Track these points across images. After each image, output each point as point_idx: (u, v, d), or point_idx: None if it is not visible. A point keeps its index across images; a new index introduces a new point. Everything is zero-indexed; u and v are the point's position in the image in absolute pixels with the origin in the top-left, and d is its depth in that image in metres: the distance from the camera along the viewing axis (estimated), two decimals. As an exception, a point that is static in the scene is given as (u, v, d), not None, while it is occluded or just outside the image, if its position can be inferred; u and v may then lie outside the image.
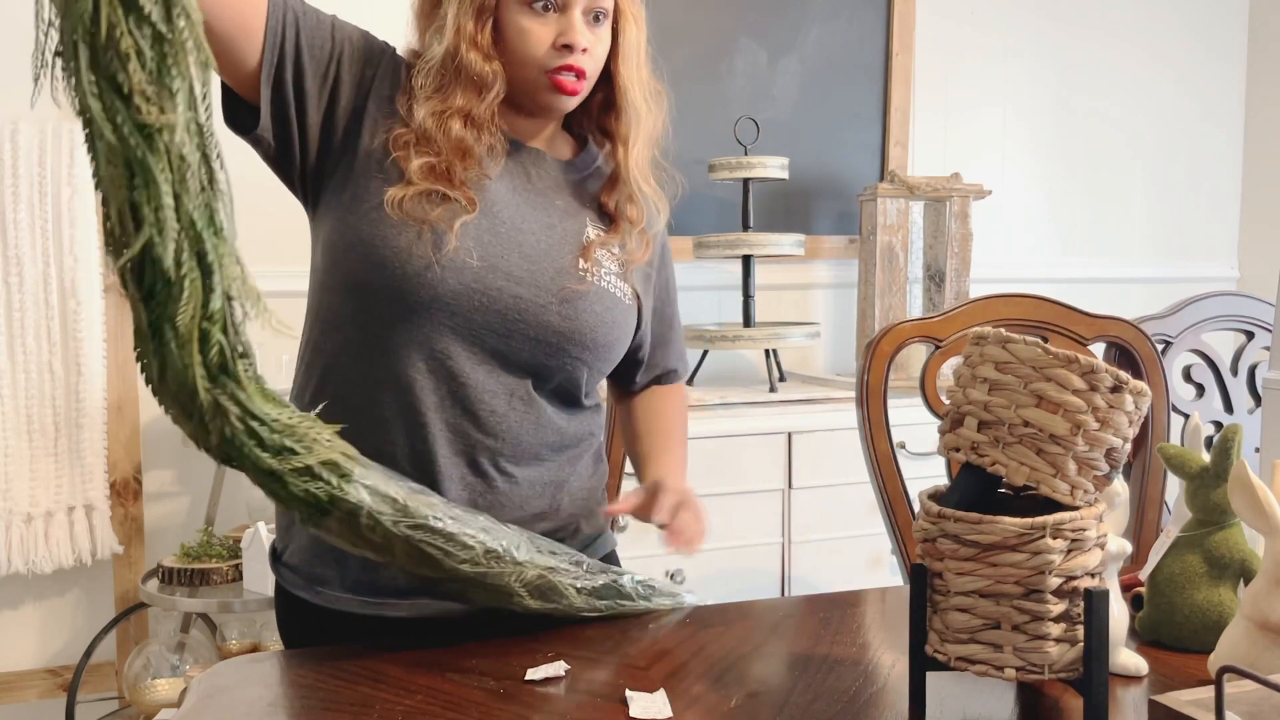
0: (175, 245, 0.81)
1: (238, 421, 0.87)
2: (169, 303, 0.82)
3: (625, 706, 0.87)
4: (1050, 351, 0.82)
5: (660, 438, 1.28)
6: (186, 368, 0.84)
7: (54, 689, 2.24)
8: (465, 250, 1.04)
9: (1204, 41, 3.23)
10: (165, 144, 0.80)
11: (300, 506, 0.91)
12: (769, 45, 2.73)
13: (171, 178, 0.81)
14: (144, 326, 0.84)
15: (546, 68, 1.08)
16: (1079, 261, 3.14)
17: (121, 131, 0.78)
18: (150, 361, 0.85)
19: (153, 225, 0.80)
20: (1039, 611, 0.80)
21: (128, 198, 0.80)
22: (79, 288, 2.13)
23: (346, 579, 1.10)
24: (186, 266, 0.82)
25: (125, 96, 0.78)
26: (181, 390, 0.85)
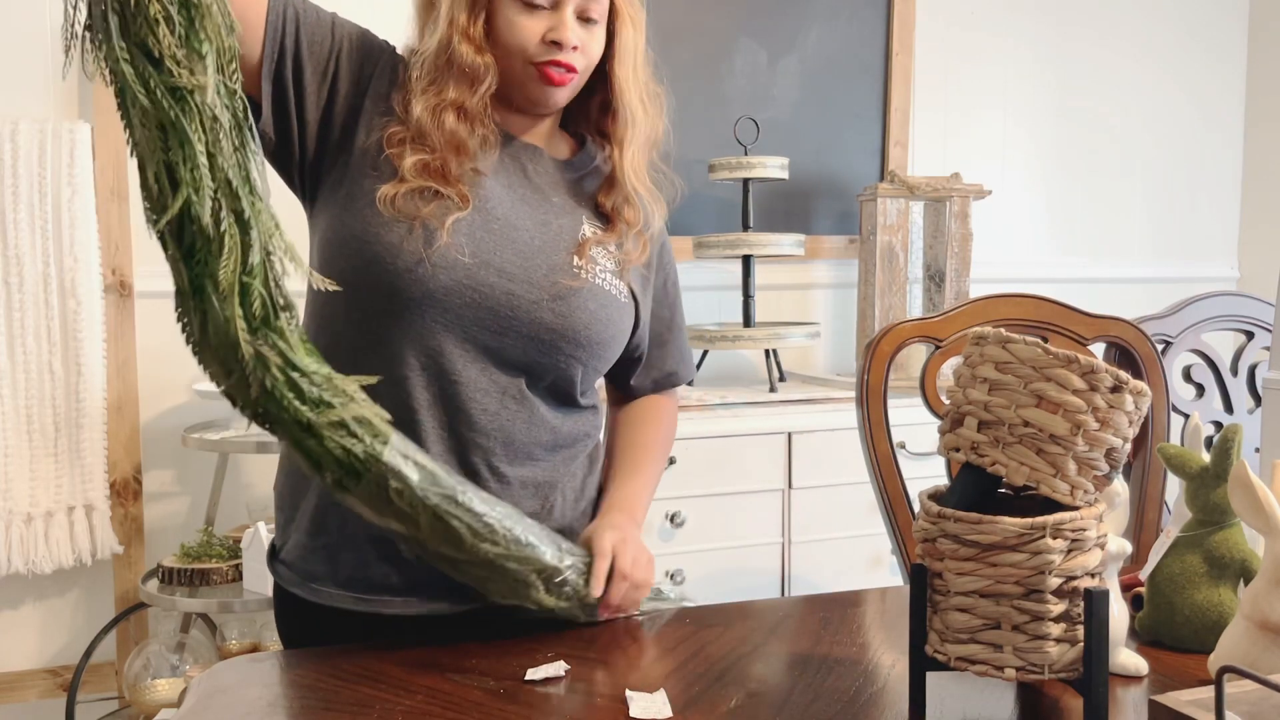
0: (212, 203, 0.85)
1: (279, 372, 0.89)
2: (209, 259, 0.85)
3: (625, 706, 0.87)
4: (1050, 351, 0.82)
5: (629, 461, 1.24)
6: (228, 321, 0.86)
7: (54, 689, 2.24)
8: (457, 246, 1.04)
9: (1204, 42, 3.23)
10: (197, 106, 0.84)
11: (332, 465, 0.92)
12: (769, 45, 2.73)
13: (205, 138, 0.84)
14: (185, 285, 0.87)
15: (534, 60, 1.08)
16: (1079, 261, 3.14)
17: (155, 95, 0.82)
18: (191, 319, 0.88)
19: (189, 184, 0.84)
20: (1039, 611, 0.80)
21: (164, 159, 0.83)
22: (79, 288, 2.13)
23: (339, 576, 1.10)
24: (225, 223, 0.86)
25: (156, 61, 0.82)
26: (223, 345, 0.87)
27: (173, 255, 0.87)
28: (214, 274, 0.86)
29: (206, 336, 0.88)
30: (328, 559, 1.10)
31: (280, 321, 0.90)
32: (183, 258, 0.86)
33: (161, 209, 0.84)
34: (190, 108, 0.83)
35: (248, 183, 0.88)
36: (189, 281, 0.87)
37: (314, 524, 1.11)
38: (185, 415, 2.30)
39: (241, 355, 0.88)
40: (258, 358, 0.88)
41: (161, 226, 0.85)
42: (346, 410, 0.92)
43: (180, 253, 0.86)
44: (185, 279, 0.87)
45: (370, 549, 1.08)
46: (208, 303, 0.86)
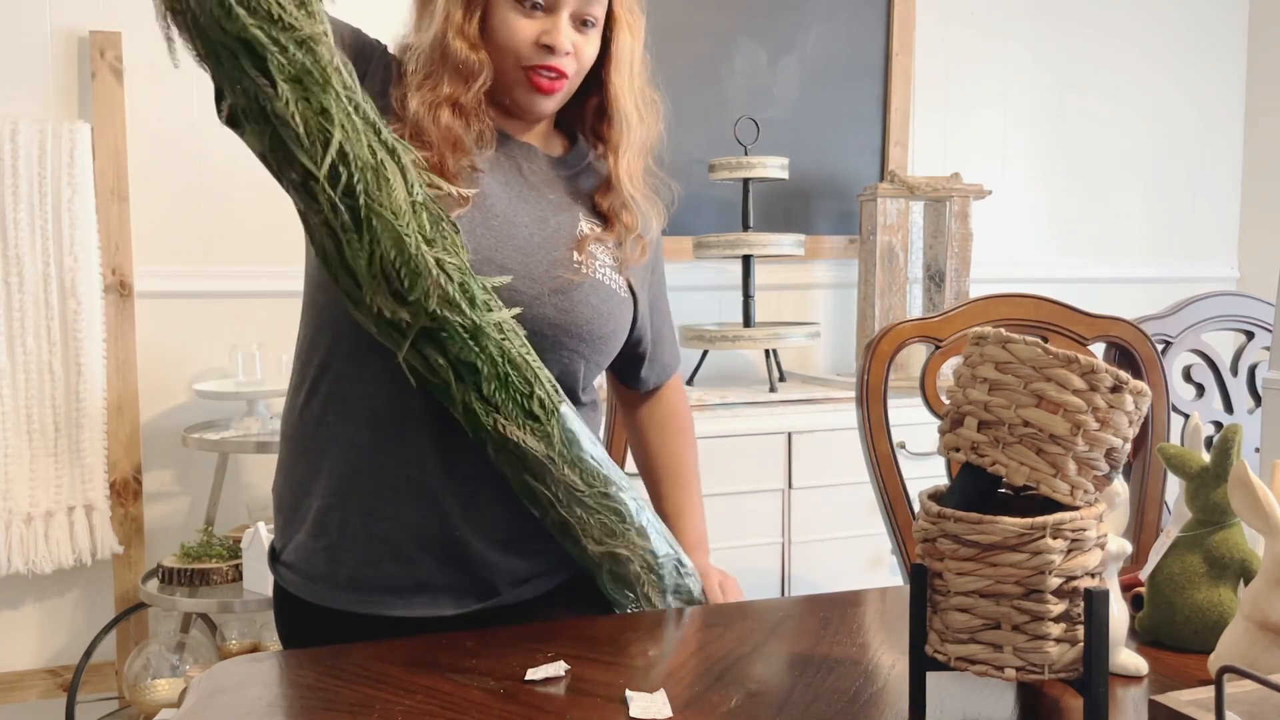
0: (364, 137, 0.92)
1: (456, 273, 0.97)
2: (373, 189, 0.92)
3: (625, 706, 0.87)
4: (1050, 351, 0.82)
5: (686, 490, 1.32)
6: (408, 237, 0.93)
7: (54, 689, 2.24)
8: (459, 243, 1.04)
9: (1204, 42, 3.23)
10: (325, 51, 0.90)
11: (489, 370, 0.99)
12: (769, 45, 2.73)
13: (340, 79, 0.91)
14: (344, 224, 0.93)
15: (526, 63, 1.08)
16: (1079, 261, 3.14)
17: (288, 51, 0.88)
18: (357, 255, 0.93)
19: (341, 125, 0.90)
20: (1039, 611, 0.80)
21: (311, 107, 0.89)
22: (79, 288, 2.13)
23: (341, 577, 1.10)
24: (381, 153, 0.93)
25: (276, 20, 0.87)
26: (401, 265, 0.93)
27: (326, 200, 0.91)
28: (383, 201, 0.92)
29: (375, 266, 0.93)
30: (329, 560, 1.10)
31: (447, 227, 0.97)
32: (341, 197, 0.91)
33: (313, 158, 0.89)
34: (320, 55, 0.89)
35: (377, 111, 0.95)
36: (350, 218, 0.92)
37: (316, 525, 1.11)
38: (185, 415, 2.30)
39: (425, 268, 0.94)
40: (440, 264, 0.95)
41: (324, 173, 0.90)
42: (502, 313, 1.01)
43: (338, 193, 0.91)
44: (345, 217, 0.92)
45: (373, 550, 1.08)
46: (383, 229, 0.92)
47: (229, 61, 0.88)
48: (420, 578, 1.09)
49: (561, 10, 1.08)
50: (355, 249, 0.93)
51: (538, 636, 1.02)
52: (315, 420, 1.10)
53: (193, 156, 2.24)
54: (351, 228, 0.92)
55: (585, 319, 1.10)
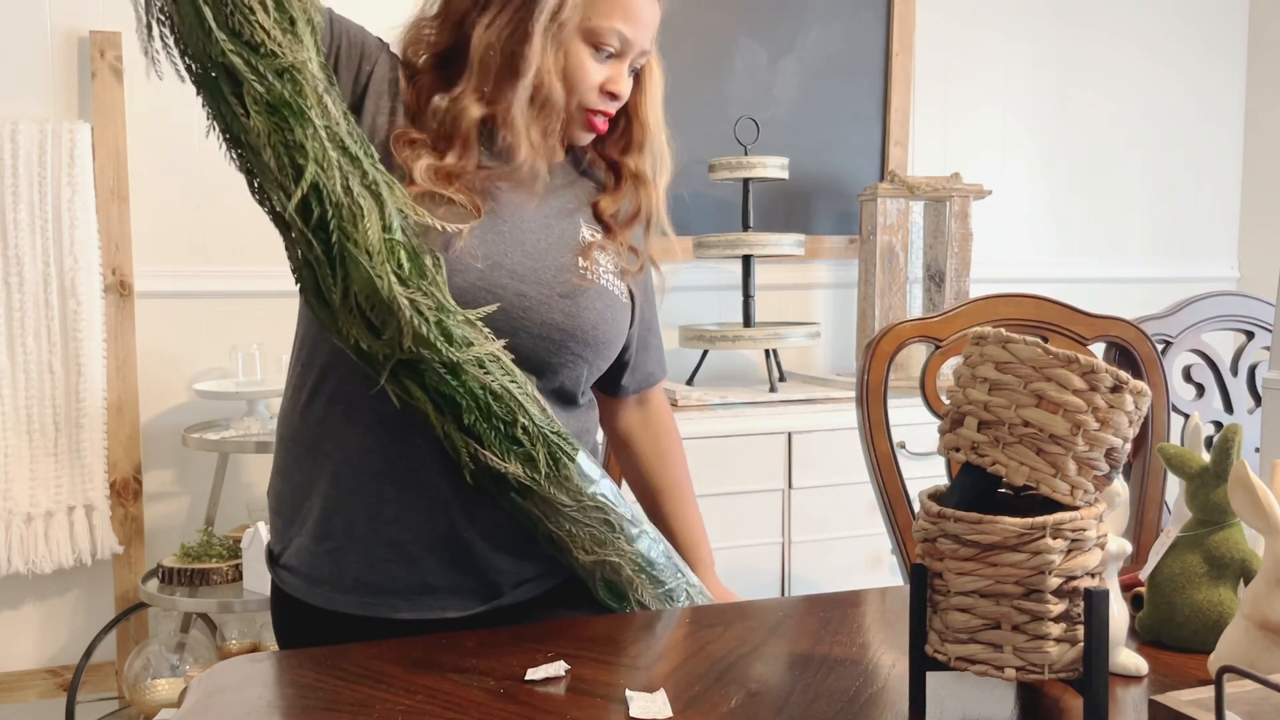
0: (340, 171, 0.89)
1: (431, 314, 0.95)
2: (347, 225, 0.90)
3: (625, 706, 0.87)
4: (1050, 351, 0.82)
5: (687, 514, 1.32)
6: (380, 279, 0.91)
7: (54, 689, 2.24)
8: (470, 251, 1.04)
9: (1204, 41, 3.23)
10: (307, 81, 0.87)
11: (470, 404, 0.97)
12: (769, 45, 2.73)
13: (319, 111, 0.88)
14: (318, 257, 0.91)
15: (587, 105, 1.11)
16: (1079, 261, 3.14)
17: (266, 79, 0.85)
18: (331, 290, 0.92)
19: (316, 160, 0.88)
20: (1039, 611, 0.80)
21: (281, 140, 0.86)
22: (79, 288, 2.13)
23: (346, 580, 1.10)
24: (357, 189, 0.90)
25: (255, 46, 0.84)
26: (373, 302, 0.92)
27: (298, 234, 0.89)
28: (357, 239, 0.90)
29: (349, 300, 0.92)
30: (333, 563, 1.10)
31: (425, 265, 0.95)
32: (313, 231, 0.89)
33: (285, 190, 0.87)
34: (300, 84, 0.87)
35: (363, 144, 0.93)
36: (323, 253, 0.90)
37: (319, 527, 1.10)
38: (185, 415, 2.30)
39: (399, 308, 0.92)
40: (415, 306, 0.93)
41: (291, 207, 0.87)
42: (484, 347, 0.99)
43: (309, 228, 0.89)
44: (318, 252, 0.90)
45: (378, 553, 1.08)
46: (354, 267, 0.90)
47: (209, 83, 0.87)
48: (425, 580, 1.09)
49: (627, 58, 1.11)
50: (329, 283, 0.92)
51: (538, 636, 1.02)
52: (318, 421, 1.10)
53: (193, 156, 2.24)
54: (324, 262, 0.91)
55: (591, 324, 1.10)
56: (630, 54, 1.11)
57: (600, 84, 1.10)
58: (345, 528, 1.09)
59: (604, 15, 1.07)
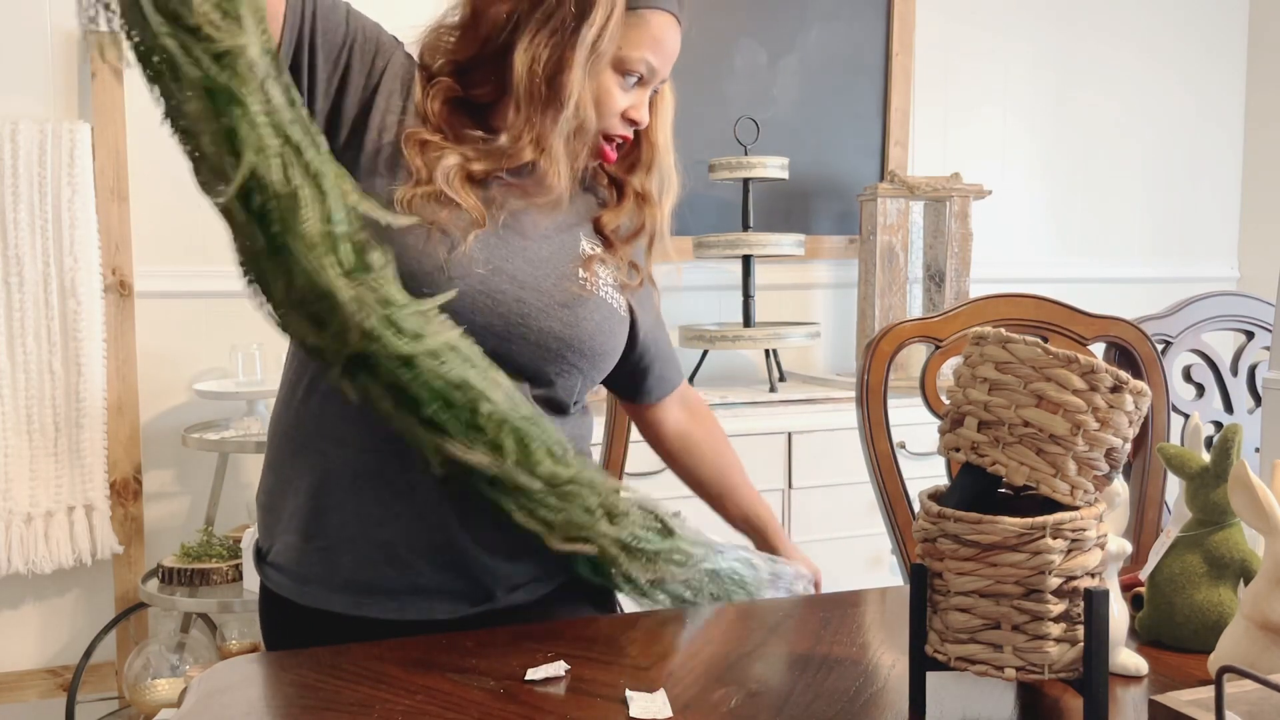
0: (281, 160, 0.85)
1: (378, 306, 0.91)
2: (288, 216, 0.86)
3: (625, 706, 0.87)
4: (1050, 351, 0.82)
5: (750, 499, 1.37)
6: (319, 270, 0.87)
7: (54, 689, 2.24)
8: (471, 255, 1.04)
9: (1204, 41, 3.23)
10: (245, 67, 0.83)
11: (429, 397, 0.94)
12: (769, 45, 2.73)
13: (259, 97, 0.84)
14: (260, 248, 0.87)
15: (607, 131, 1.11)
16: (1079, 261, 3.14)
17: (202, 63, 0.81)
18: (273, 281, 0.88)
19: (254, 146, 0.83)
20: (1039, 611, 0.80)
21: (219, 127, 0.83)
22: (79, 288, 2.13)
23: (336, 579, 1.09)
24: (298, 179, 0.86)
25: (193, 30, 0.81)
26: (316, 298, 0.88)
27: (241, 222, 0.86)
28: (296, 230, 0.86)
29: (293, 294, 0.88)
30: (324, 561, 1.09)
31: (373, 260, 0.91)
32: (256, 221, 0.86)
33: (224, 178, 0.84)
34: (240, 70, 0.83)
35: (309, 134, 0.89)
36: (266, 244, 0.87)
37: (310, 525, 1.10)
38: (185, 415, 2.30)
39: (340, 302, 0.88)
40: (358, 301, 0.89)
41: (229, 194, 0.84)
42: (438, 338, 0.95)
43: (251, 217, 0.86)
44: (261, 242, 0.87)
45: (369, 553, 1.08)
46: (294, 260, 0.87)
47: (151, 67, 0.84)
48: (416, 581, 1.09)
49: (650, 86, 1.12)
50: (272, 275, 0.89)
51: (537, 636, 1.02)
52: (313, 418, 1.10)
53: (193, 156, 2.24)
54: (266, 254, 0.88)
55: (589, 334, 1.11)
56: (654, 83, 1.12)
57: (623, 111, 1.11)
58: (337, 527, 1.08)
59: (635, 45, 1.08)
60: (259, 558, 1.17)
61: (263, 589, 1.16)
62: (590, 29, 1.04)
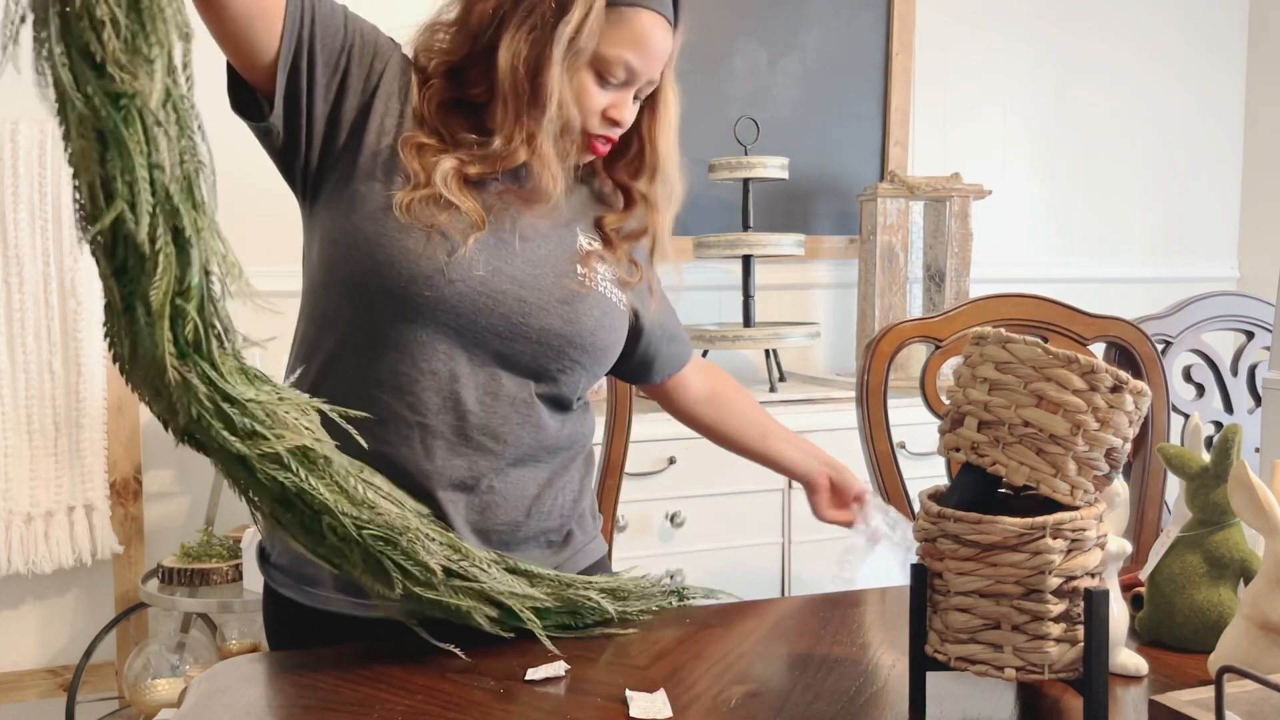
0: (150, 219, 0.78)
1: (206, 400, 0.85)
2: (141, 278, 0.80)
3: (625, 706, 0.87)
4: (1050, 351, 0.82)
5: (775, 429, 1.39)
6: (156, 344, 0.81)
7: (54, 689, 2.24)
8: (471, 257, 1.04)
9: (1204, 41, 3.23)
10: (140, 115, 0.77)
11: (264, 496, 0.90)
12: (769, 45, 2.73)
13: (146, 149, 0.77)
14: (116, 303, 0.81)
15: (588, 130, 1.10)
16: (1079, 261, 3.14)
17: (93, 102, 0.75)
18: (121, 340, 0.83)
19: (125, 199, 0.77)
20: (1039, 611, 0.80)
21: (99, 172, 0.77)
22: (79, 288, 2.13)
23: (339, 579, 1.09)
24: (161, 241, 0.79)
25: (97, 66, 0.75)
26: (151, 368, 0.83)
27: (103, 272, 0.81)
28: (144, 294, 0.80)
29: (136, 360, 0.83)
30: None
31: (212, 348, 0.85)
32: (114, 275, 0.80)
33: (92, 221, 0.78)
34: (132, 117, 0.76)
35: (191, 197, 0.82)
36: (120, 300, 0.81)
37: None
38: (185, 415, 2.30)
39: (169, 381, 0.83)
40: (184, 384, 0.83)
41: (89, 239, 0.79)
42: (280, 442, 0.88)
43: (111, 269, 0.80)
44: (116, 298, 0.81)
45: None
46: (137, 325, 0.81)
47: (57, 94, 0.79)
48: None
49: (634, 86, 1.11)
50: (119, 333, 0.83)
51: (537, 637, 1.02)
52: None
53: (193, 156, 2.24)
54: (118, 311, 0.82)
55: (589, 330, 1.11)
56: (637, 83, 1.11)
57: (603, 109, 1.10)
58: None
59: (613, 44, 1.07)
60: (262, 558, 1.17)
61: (266, 589, 1.16)
62: (567, 25, 1.03)
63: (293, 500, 0.90)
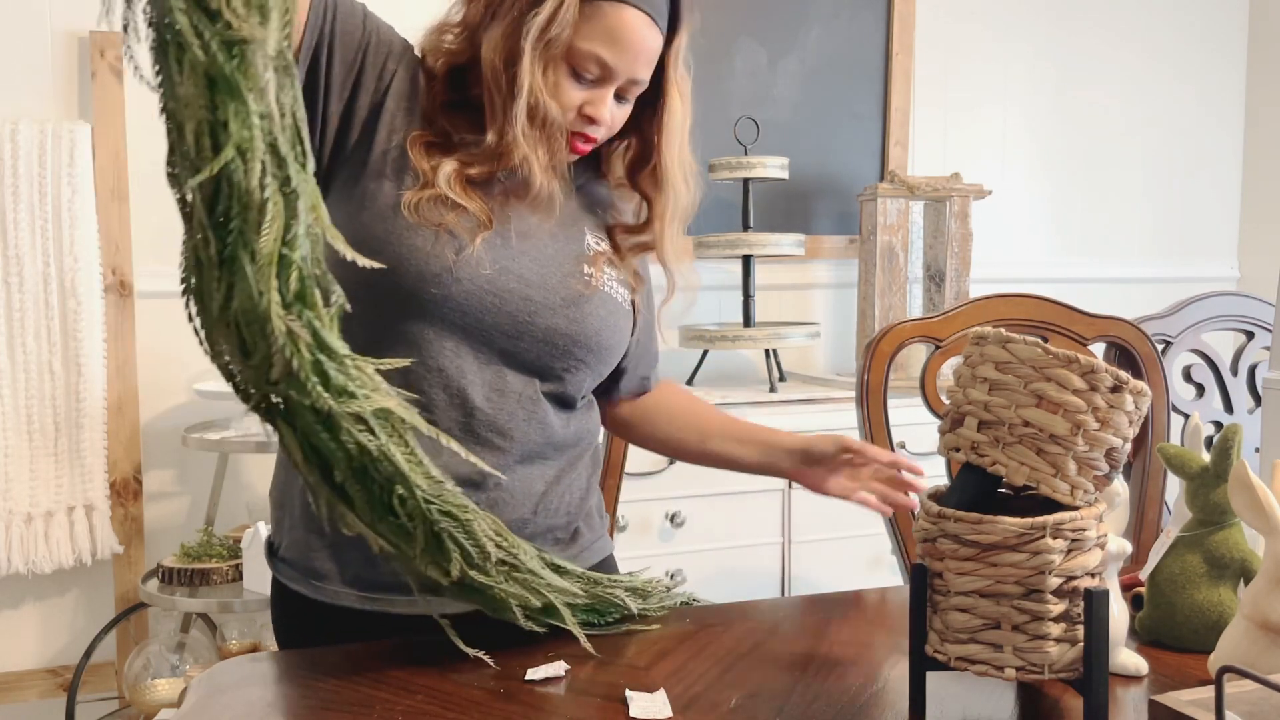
0: (261, 166, 0.79)
1: (308, 351, 0.84)
2: (247, 228, 0.80)
3: (625, 706, 0.87)
4: (1050, 351, 0.82)
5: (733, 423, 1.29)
6: (262, 294, 0.80)
7: (54, 689, 2.24)
8: (478, 257, 1.05)
9: (1204, 41, 3.23)
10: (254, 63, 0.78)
11: (342, 462, 0.88)
12: (769, 45, 2.73)
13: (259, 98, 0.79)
14: (210, 255, 0.81)
15: (567, 127, 1.09)
16: (1079, 261, 3.14)
17: (210, 47, 0.76)
18: (211, 295, 0.82)
19: (237, 144, 0.78)
20: (1039, 611, 0.80)
21: (209, 117, 0.78)
22: (79, 288, 2.13)
23: (346, 574, 1.10)
24: (270, 190, 0.80)
25: (213, 13, 0.76)
26: (251, 320, 0.82)
27: (199, 222, 0.81)
28: (251, 243, 0.80)
29: (228, 312, 0.82)
30: (332, 556, 1.10)
31: (316, 298, 0.84)
32: (212, 225, 0.80)
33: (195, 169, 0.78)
34: (247, 65, 0.77)
35: (297, 149, 0.83)
36: (217, 251, 0.81)
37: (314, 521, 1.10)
38: (185, 415, 2.30)
39: (271, 331, 0.81)
40: (289, 335, 0.82)
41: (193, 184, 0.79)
42: (369, 402, 0.87)
43: (210, 219, 0.80)
44: (212, 250, 0.81)
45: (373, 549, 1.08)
46: (239, 274, 0.80)
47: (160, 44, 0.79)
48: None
49: (609, 84, 1.09)
50: (213, 286, 0.83)
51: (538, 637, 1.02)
52: None
53: (193, 156, 2.24)
54: (214, 263, 0.82)
55: (594, 330, 1.11)
56: (614, 81, 1.09)
57: (578, 106, 1.08)
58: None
59: (587, 38, 1.05)
60: (271, 552, 1.17)
61: (274, 583, 1.17)
62: (538, 16, 1.02)
63: (367, 468, 0.88)
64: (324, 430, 0.87)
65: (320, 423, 0.86)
